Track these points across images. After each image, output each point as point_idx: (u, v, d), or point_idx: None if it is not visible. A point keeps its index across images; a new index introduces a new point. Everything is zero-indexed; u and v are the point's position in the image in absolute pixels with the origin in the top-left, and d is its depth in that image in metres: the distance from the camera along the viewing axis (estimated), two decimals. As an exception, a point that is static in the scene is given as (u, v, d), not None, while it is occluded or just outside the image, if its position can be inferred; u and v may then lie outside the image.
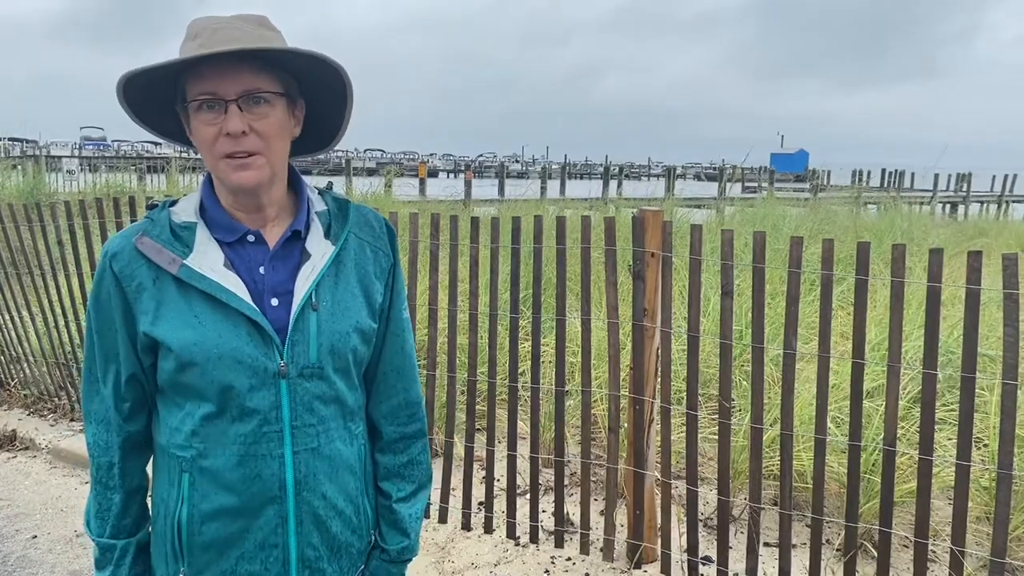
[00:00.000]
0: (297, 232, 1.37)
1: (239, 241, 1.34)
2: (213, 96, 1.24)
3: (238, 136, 1.25)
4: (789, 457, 3.07)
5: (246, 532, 1.34)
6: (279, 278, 1.34)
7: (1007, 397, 2.70)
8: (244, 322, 1.30)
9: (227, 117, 1.24)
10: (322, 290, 1.35)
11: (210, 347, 1.28)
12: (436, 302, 3.79)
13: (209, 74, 1.24)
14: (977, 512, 3.63)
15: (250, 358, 1.29)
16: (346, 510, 1.43)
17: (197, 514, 1.34)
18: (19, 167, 18.08)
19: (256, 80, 1.26)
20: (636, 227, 3.28)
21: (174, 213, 1.35)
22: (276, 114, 1.29)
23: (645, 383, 3.34)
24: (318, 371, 1.34)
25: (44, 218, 5.07)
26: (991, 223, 14.45)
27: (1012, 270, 2.68)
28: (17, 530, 3.91)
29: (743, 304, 5.03)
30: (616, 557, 3.48)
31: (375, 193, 14.56)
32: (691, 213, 12.69)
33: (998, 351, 2.97)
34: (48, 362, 5.40)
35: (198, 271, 1.29)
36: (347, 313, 1.37)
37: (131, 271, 1.31)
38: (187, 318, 1.29)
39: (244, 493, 1.32)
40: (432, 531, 3.75)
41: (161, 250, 1.30)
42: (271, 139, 1.29)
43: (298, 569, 1.38)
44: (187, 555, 1.35)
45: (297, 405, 1.33)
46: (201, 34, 1.24)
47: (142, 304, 1.30)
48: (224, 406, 1.30)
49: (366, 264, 1.43)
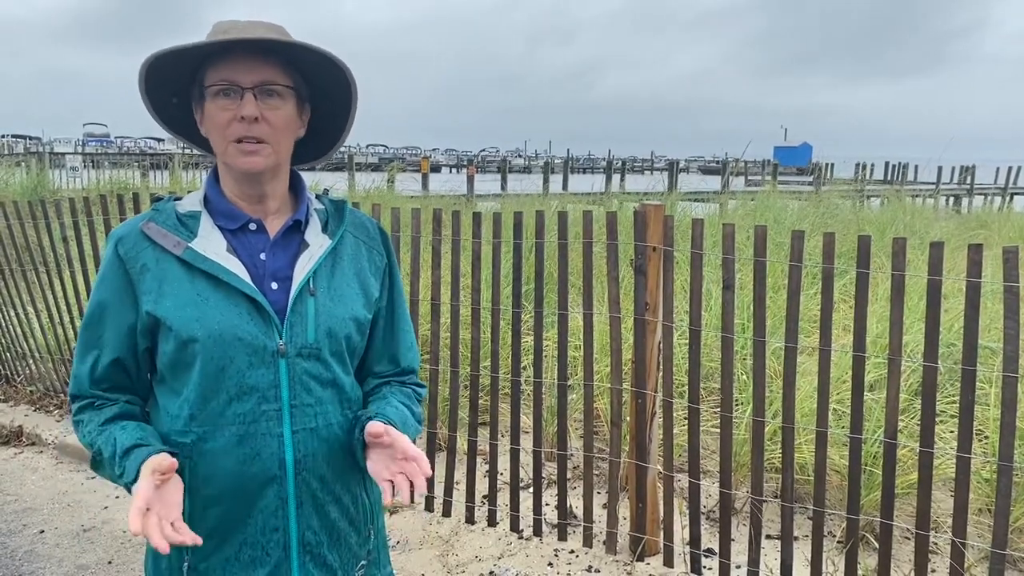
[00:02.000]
0: (297, 223, 1.43)
1: (241, 229, 1.41)
2: (232, 83, 1.33)
3: (251, 121, 1.33)
4: (790, 450, 3.09)
5: (248, 516, 1.37)
6: (279, 264, 1.40)
7: (1008, 389, 2.71)
8: (245, 301, 1.35)
9: (243, 103, 1.32)
10: (319, 277, 1.42)
11: (211, 323, 1.33)
12: (439, 297, 3.81)
13: (231, 63, 1.33)
14: (979, 504, 3.64)
15: (250, 335, 1.34)
16: (344, 498, 1.45)
17: (199, 500, 1.36)
18: (23, 164, 18.12)
19: (272, 73, 1.35)
20: (637, 222, 3.29)
21: (179, 204, 1.42)
22: (286, 108, 1.37)
23: (647, 377, 3.35)
24: (315, 351, 1.39)
25: (48, 215, 5.09)
26: (994, 216, 14.39)
27: (1013, 263, 2.68)
28: (24, 525, 3.94)
29: (745, 298, 5.04)
30: (619, 550, 3.50)
31: (378, 188, 14.57)
32: (693, 207, 12.69)
33: (999, 343, 2.98)
34: (53, 358, 5.42)
35: (202, 253, 1.36)
36: (343, 300, 1.43)
37: (136, 253, 1.36)
38: (190, 296, 1.34)
39: (244, 474, 1.35)
40: (436, 524, 3.78)
41: (166, 234, 1.37)
42: (279, 130, 1.36)
43: (299, 553, 1.41)
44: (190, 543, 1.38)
45: (295, 384, 1.37)
46: (228, 31, 1.33)
47: (145, 284, 1.35)
48: (223, 384, 1.34)
49: (361, 260, 1.50)
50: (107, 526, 3.92)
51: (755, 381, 3.15)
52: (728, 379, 3.19)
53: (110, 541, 3.78)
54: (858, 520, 3.03)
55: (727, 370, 3.19)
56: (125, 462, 1.28)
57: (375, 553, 1.56)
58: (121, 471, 1.29)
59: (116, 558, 3.63)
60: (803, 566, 3.19)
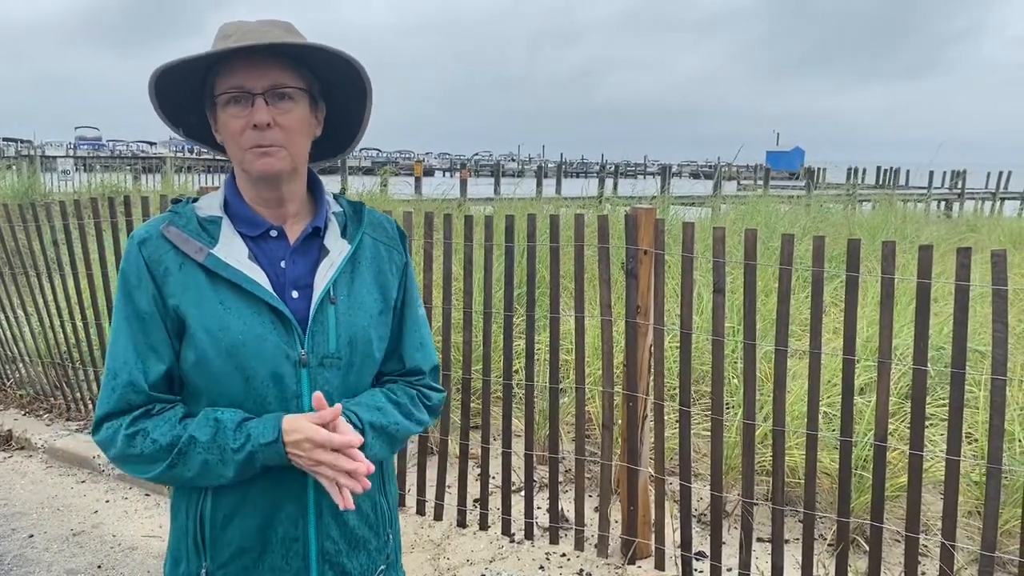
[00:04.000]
0: (317, 229, 1.42)
1: (262, 236, 1.39)
2: (241, 90, 1.31)
3: (264, 128, 1.31)
4: (781, 453, 3.10)
5: (268, 526, 1.37)
6: (299, 272, 1.39)
7: (996, 392, 2.72)
8: (267, 311, 1.34)
9: (254, 109, 1.30)
10: (339, 285, 1.40)
11: (235, 332, 1.31)
12: (431, 300, 3.80)
13: (239, 69, 1.31)
14: (968, 507, 3.66)
15: (273, 345, 1.33)
16: (363, 504, 1.45)
17: (220, 507, 1.36)
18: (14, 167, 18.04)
19: (282, 76, 1.33)
20: (629, 225, 3.30)
21: (198, 208, 1.40)
22: (299, 110, 1.35)
23: (639, 380, 3.36)
24: (337, 361, 1.38)
25: (39, 218, 5.08)
26: (984, 220, 14.47)
27: (1001, 266, 2.70)
28: (13, 529, 3.92)
29: (735, 301, 5.05)
30: (611, 553, 3.50)
31: (371, 192, 14.55)
32: (685, 211, 12.70)
33: (988, 347, 3.00)
34: (44, 362, 5.40)
35: (224, 261, 1.34)
36: (363, 308, 1.42)
37: (159, 256, 1.34)
38: (213, 304, 1.32)
39: (265, 483, 1.35)
40: (427, 528, 3.77)
41: (188, 239, 1.35)
42: (294, 133, 1.35)
43: (318, 563, 1.40)
44: (210, 549, 1.37)
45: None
46: (233, 35, 1.31)
47: (169, 287, 1.33)
48: (245, 394, 1.33)
49: (381, 263, 1.48)
50: (97, 530, 3.90)
51: (746, 384, 3.16)
52: (719, 382, 3.20)
53: (99, 545, 3.76)
54: (848, 523, 3.04)
55: (718, 373, 3.20)
56: (247, 428, 1.28)
57: (393, 556, 1.56)
58: (244, 439, 1.28)
59: (105, 562, 3.61)
60: (794, 569, 3.20)
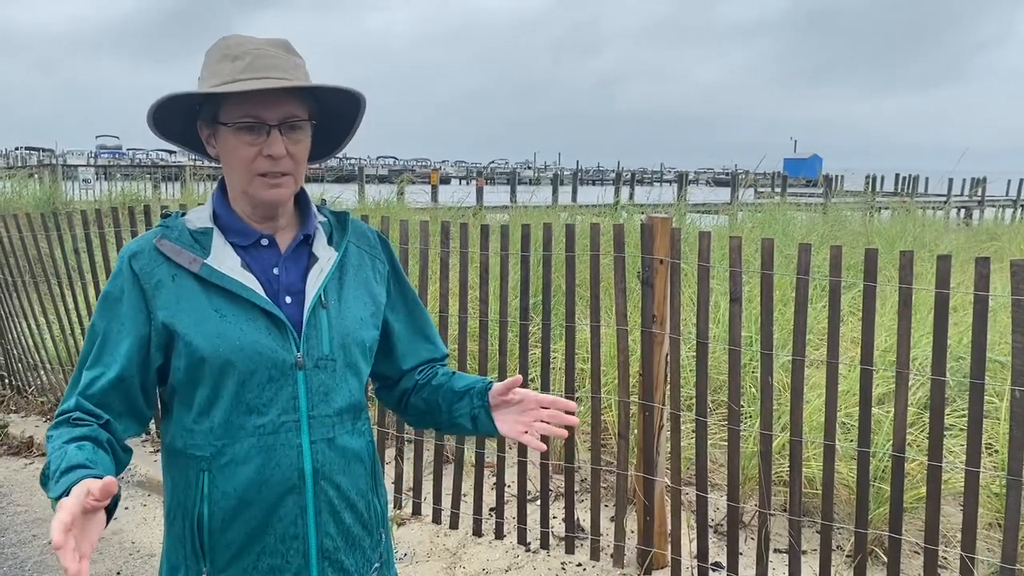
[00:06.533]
0: (307, 236, 1.47)
1: (253, 245, 1.44)
2: (257, 120, 1.35)
3: (278, 158, 1.36)
4: (798, 463, 3.08)
5: (267, 525, 1.39)
6: (291, 278, 1.44)
7: (1017, 403, 2.69)
8: (263, 316, 1.38)
9: (270, 140, 1.35)
10: (330, 290, 1.46)
11: (232, 338, 1.35)
12: (447, 309, 3.82)
13: (255, 100, 1.34)
14: (988, 518, 3.62)
15: (269, 350, 1.37)
16: (358, 504, 1.49)
17: (219, 511, 1.38)
18: (36, 176, 18.27)
19: (294, 108, 1.38)
20: (645, 234, 3.30)
21: (188, 220, 1.44)
22: (307, 139, 1.42)
23: (655, 389, 3.35)
24: (331, 363, 1.43)
25: (61, 227, 5.14)
26: (1004, 228, 14.31)
27: (1021, 276, 2.68)
28: (34, 535, 3.96)
29: (752, 310, 5.03)
30: (626, 563, 3.49)
31: (388, 200, 14.63)
32: (702, 219, 12.68)
33: (1008, 357, 2.97)
34: (64, 369, 5.46)
35: (218, 270, 1.38)
36: (352, 312, 1.48)
37: (151, 268, 1.38)
38: (208, 312, 1.36)
39: (264, 484, 1.38)
40: (443, 537, 3.78)
41: (181, 251, 1.39)
42: (301, 162, 1.41)
43: (318, 560, 1.43)
44: (209, 553, 1.39)
45: (313, 395, 1.41)
46: (241, 57, 1.34)
47: (160, 299, 1.36)
48: (243, 398, 1.37)
49: (366, 270, 1.54)
50: (116, 537, 3.94)
51: (763, 394, 3.15)
52: (735, 392, 3.19)
53: (119, 552, 3.79)
54: (866, 534, 3.02)
55: (734, 383, 3.19)
56: (63, 477, 1.19)
57: (386, 555, 1.60)
58: (56, 484, 1.20)
59: (124, 569, 3.64)
60: (811, 580, 3.17)
